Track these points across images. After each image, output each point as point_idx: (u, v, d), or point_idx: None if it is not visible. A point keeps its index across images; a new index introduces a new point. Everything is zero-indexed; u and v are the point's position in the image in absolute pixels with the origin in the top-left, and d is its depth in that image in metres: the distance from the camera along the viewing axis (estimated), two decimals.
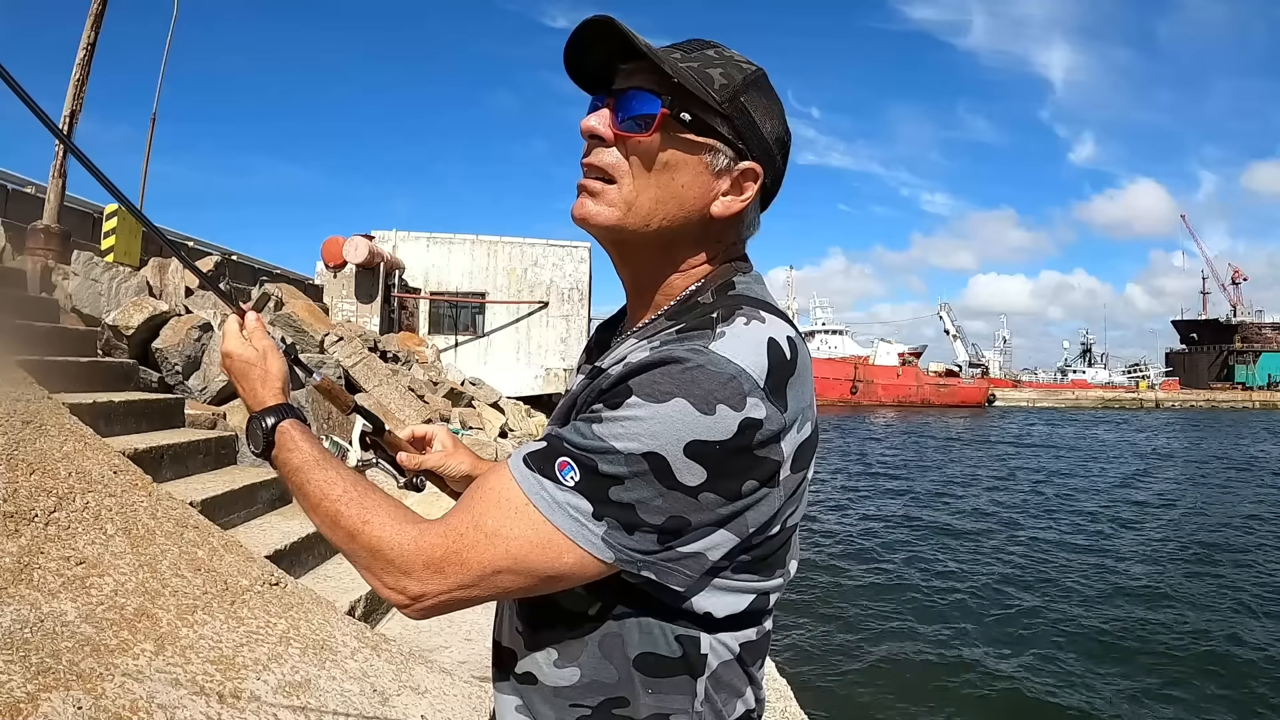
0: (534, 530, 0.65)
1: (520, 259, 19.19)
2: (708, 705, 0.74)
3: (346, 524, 0.72)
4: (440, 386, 11.70)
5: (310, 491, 0.76)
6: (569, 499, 0.65)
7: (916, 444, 24.81)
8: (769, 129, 0.76)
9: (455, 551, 0.67)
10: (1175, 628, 6.40)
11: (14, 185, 9.21)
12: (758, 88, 0.76)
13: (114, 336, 5.24)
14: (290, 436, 0.81)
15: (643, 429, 0.63)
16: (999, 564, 8.48)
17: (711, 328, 0.68)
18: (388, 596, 0.70)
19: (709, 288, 0.77)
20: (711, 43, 0.77)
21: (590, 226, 0.77)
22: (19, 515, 2.16)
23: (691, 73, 0.72)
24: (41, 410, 2.71)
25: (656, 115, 0.72)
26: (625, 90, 0.74)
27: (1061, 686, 5.17)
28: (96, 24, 6.74)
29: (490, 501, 0.68)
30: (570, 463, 0.65)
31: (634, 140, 0.73)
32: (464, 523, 0.68)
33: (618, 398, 0.65)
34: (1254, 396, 68.86)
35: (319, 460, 0.79)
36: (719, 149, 0.74)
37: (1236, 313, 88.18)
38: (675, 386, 0.63)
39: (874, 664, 5.48)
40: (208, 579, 2.44)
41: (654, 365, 0.65)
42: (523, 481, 0.67)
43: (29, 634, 1.79)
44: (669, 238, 0.77)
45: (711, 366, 0.64)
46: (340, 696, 2.25)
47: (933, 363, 67.03)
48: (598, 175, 0.76)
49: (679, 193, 0.74)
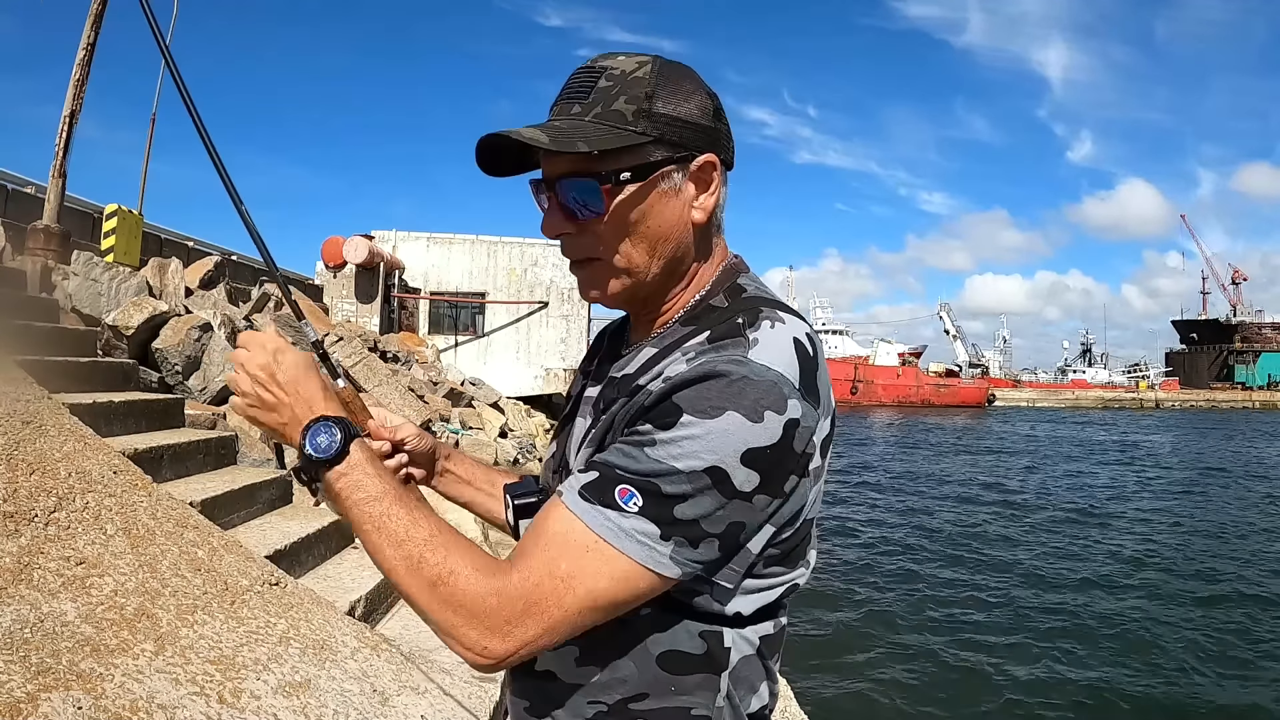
0: (608, 565, 0.65)
1: (520, 259, 19.18)
2: (727, 702, 0.74)
3: (430, 571, 0.66)
4: (440, 386, 11.71)
5: (392, 529, 0.68)
6: (635, 525, 0.64)
7: (916, 444, 24.80)
8: (693, 112, 0.74)
9: (535, 603, 0.64)
10: (1180, 638, 6.40)
11: (14, 185, 9.21)
12: (664, 83, 0.73)
13: (114, 336, 5.24)
14: (365, 458, 0.72)
15: (701, 445, 0.64)
16: (999, 564, 8.48)
17: (742, 335, 0.69)
18: (465, 655, 0.66)
19: (718, 290, 0.79)
20: (596, 66, 0.74)
21: (607, 303, 0.80)
22: (19, 515, 2.16)
23: (602, 125, 0.71)
24: (41, 410, 2.71)
25: (601, 198, 0.72)
26: (559, 178, 0.74)
27: (1061, 687, 5.17)
28: (96, 24, 6.74)
29: (558, 544, 0.66)
30: (631, 489, 0.65)
31: (595, 223, 0.74)
32: (537, 571, 0.65)
33: (668, 417, 0.65)
34: (1254, 396, 68.88)
35: (399, 493, 0.71)
36: (668, 170, 0.74)
37: (1236, 313, 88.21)
38: (725, 400, 0.64)
39: (874, 664, 5.48)
40: (208, 579, 2.44)
41: (698, 380, 0.66)
42: (585, 516, 0.66)
43: (29, 634, 1.79)
44: (672, 266, 0.78)
45: (754, 376, 0.65)
46: (340, 696, 2.25)
47: (933, 363, 67.10)
48: (585, 260, 0.77)
49: (660, 232, 0.75)
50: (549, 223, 0.77)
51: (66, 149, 6.64)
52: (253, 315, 8.11)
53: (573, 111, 0.72)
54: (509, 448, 11.34)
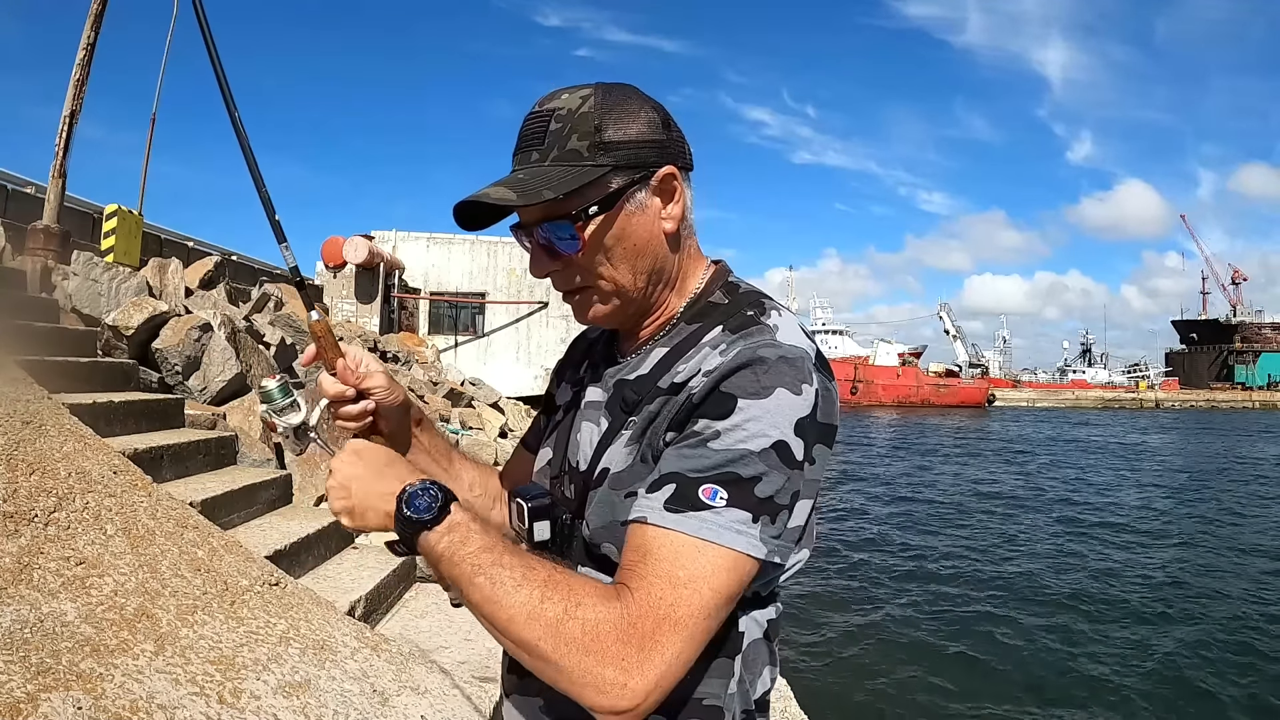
0: (721, 560, 0.66)
1: (520, 259, 19.14)
2: (738, 688, 0.76)
3: (553, 610, 0.64)
4: (440, 387, 11.71)
5: (507, 577, 0.65)
6: (731, 517, 0.66)
7: (916, 444, 24.80)
8: (642, 130, 0.77)
9: (666, 615, 0.64)
10: (1186, 646, 6.40)
11: (14, 185, 9.21)
12: (609, 110, 0.76)
13: (114, 336, 5.24)
14: (468, 515, 0.70)
15: (764, 425, 0.68)
16: (998, 564, 8.48)
17: (761, 323, 0.75)
18: (603, 703, 0.62)
19: (714, 289, 0.84)
20: (544, 110, 0.77)
21: (604, 324, 0.84)
22: (19, 515, 2.16)
23: (561, 166, 0.74)
24: (41, 410, 2.71)
25: (576, 237, 0.76)
26: (535, 223, 0.78)
27: (1061, 687, 5.17)
28: (96, 24, 6.74)
29: (668, 557, 0.66)
30: (713, 486, 0.67)
31: (575, 257, 0.78)
32: (658, 584, 0.65)
33: (723, 406, 0.69)
34: (1254, 396, 68.91)
35: (507, 542, 0.69)
36: (632, 193, 0.77)
37: (1236, 313, 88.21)
38: (772, 380, 0.69)
39: (874, 664, 5.48)
40: (207, 579, 2.44)
41: (741, 368, 0.70)
42: (680, 526, 0.66)
43: (29, 634, 1.79)
44: (656, 275, 0.82)
45: (789, 355, 0.71)
46: (340, 696, 2.25)
47: (933, 363, 67.08)
48: (576, 290, 0.81)
49: (638, 249, 0.79)
50: (535, 264, 0.82)
51: (66, 149, 6.64)
52: (252, 315, 8.11)
53: (532, 159, 0.76)
54: (509, 448, 11.34)
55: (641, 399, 0.78)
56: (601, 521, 0.77)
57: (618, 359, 0.87)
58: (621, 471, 0.76)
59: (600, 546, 0.77)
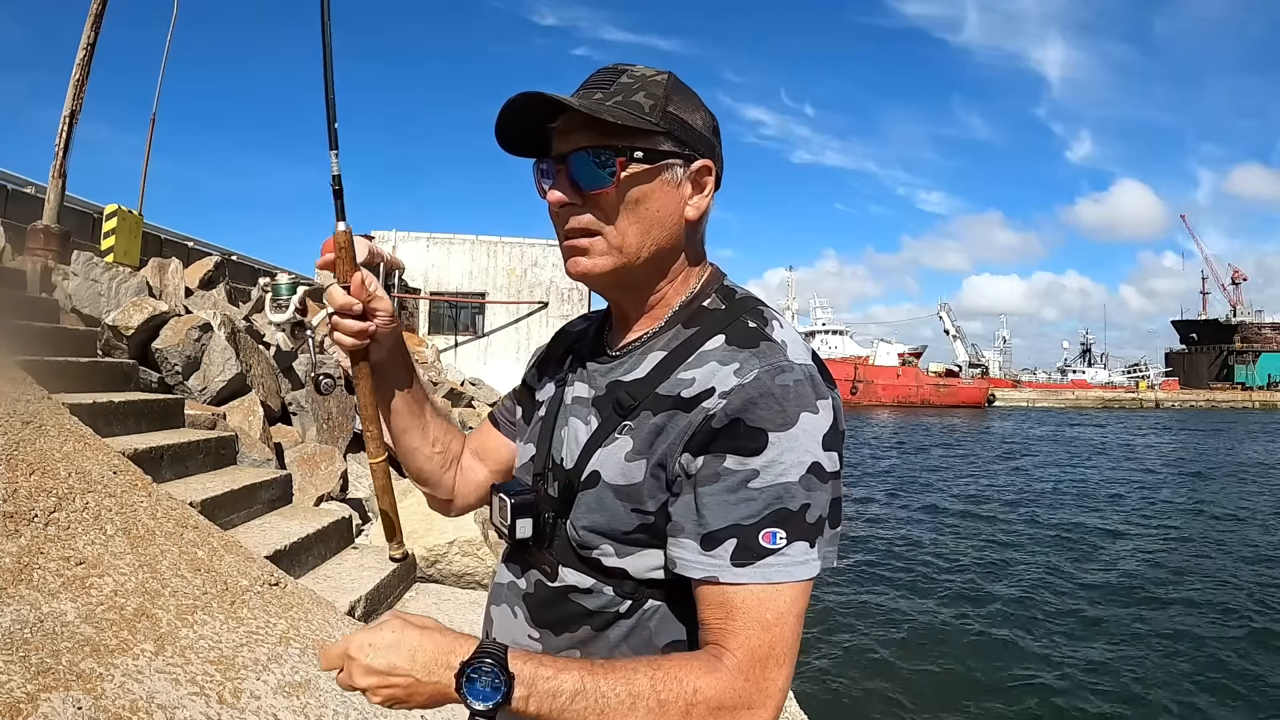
0: (796, 590, 0.70)
1: (520, 259, 19.18)
2: None
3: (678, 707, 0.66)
4: (440, 387, 11.71)
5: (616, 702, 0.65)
6: (795, 553, 0.70)
7: (916, 444, 24.80)
8: (701, 122, 0.81)
9: (766, 655, 0.68)
10: (1193, 653, 6.40)
11: (14, 185, 9.20)
12: (677, 91, 0.80)
13: (114, 337, 5.24)
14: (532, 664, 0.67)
15: (796, 453, 0.70)
16: (1000, 567, 8.48)
17: (766, 339, 0.76)
18: None
19: (708, 292, 0.84)
20: (618, 68, 0.81)
21: (592, 279, 0.81)
22: (19, 515, 2.16)
23: (624, 110, 0.76)
24: (41, 410, 2.71)
25: (615, 169, 0.76)
26: (572, 152, 0.78)
27: (1061, 686, 5.17)
28: (96, 24, 6.74)
29: (750, 612, 0.69)
30: (770, 529, 0.69)
31: (602, 195, 0.78)
32: (749, 632, 0.68)
33: (754, 442, 0.70)
34: (1254, 396, 68.89)
35: (588, 665, 0.68)
36: (672, 163, 0.79)
37: (1236, 313, 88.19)
38: (794, 406, 0.71)
39: (874, 665, 5.49)
40: (207, 579, 2.44)
41: (760, 398, 0.71)
42: (754, 578, 0.69)
43: (29, 634, 1.79)
44: (661, 256, 0.82)
45: (801, 374, 0.73)
46: (340, 696, 2.25)
47: (932, 363, 67.06)
48: (580, 234, 0.80)
49: (657, 217, 0.79)
50: (555, 192, 0.79)
51: (66, 149, 6.64)
52: (252, 315, 8.11)
53: (595, 97, 0.77)
54: None
55: (639, 403, 0.77)
56: (593, 524, 0.77)
57: (607, 354, 0.86)
58: (629, 486, 0.76)
59: (593, 550, 0.77)
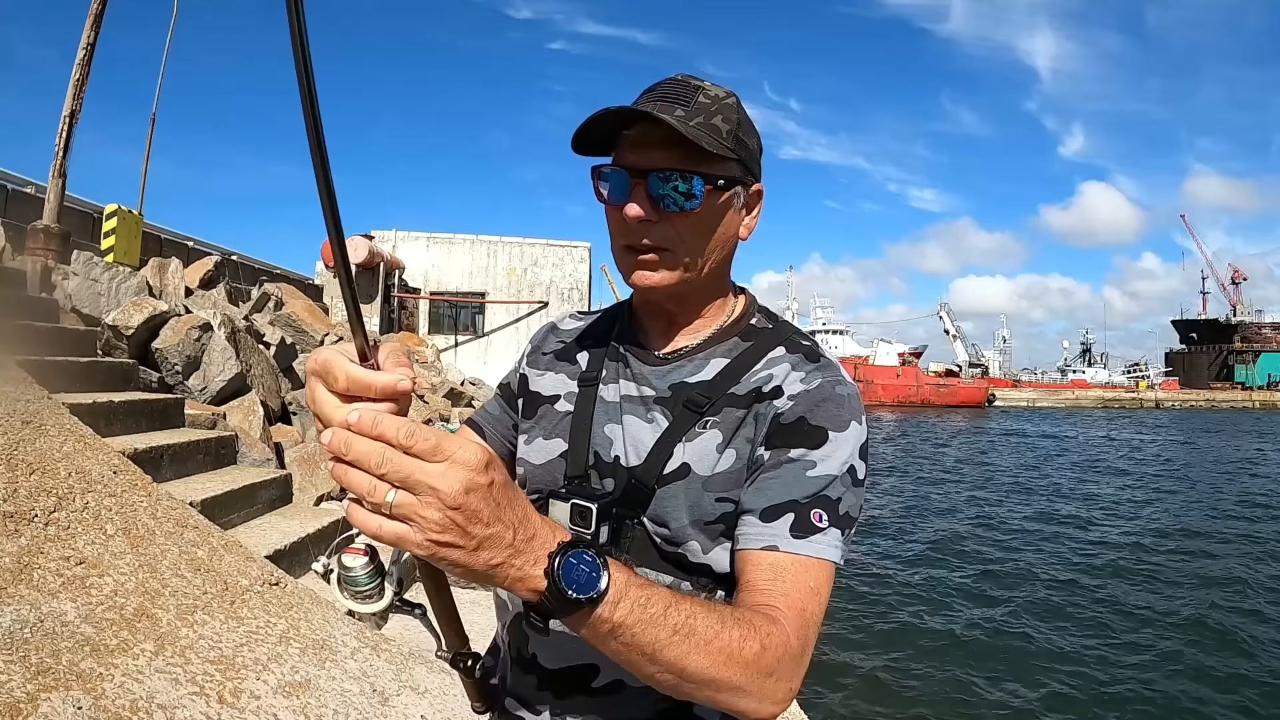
0: (829, 569, 0.76)
1: (520, 259, 19.19)
2: None
3: (750, 649, 0.64)
4: (440, 386, 11.71)
5: (702, 628, 0.62)
6: (833, 536, 0.77)
7: (916, 444, 24.81)
8: (756, 145, 0.85)
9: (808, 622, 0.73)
10: (1199, 659, 6.40)
11: (14, 185, 9.20)
12: (742, 116, 0.82)
13: (114, 336, 5.24)
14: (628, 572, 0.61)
15: (844, 453, 0.79)
16: (997, 564, 8.48)
17: (824, 356, 0.85)
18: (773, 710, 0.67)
19: (753, 311, 0.92)
20: (690, 82, 0.81)
21: (658, 293, 0.84)
22: (19, 515, 2.16)
23: (705, 132, 0.77)
24: (41, 410, 2.71)
25: (701, 196, 0.79)
26: (654, 170, 0.78)
27: (1061, 687, 5.17)
28: (96, 24, 6.74)
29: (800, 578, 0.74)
30: (819, 510, 0.76)
31: (682, 217, 0.80)
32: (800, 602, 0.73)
33: (816, 438, 0.78)
34: (1254, 396, 68.86)
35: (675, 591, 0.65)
36: (738, 189, 0.83)
37: (1236, 313, 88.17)
38: (848, 414, 0.80)
39: (874, 666, 5.48)
40: (207, 579, 2.44)
41: (824, 402, 0.80)
42: (806, 550, 0.75)
43: (29, 634, 1.79)
44: (716, 272, 0.87)
45: (853, 390, 0.83)
46: (340, 696, 2.25)
47: (932, 363, 67.05)
48: (652, 249, 0.81)
49: (722, 238, 0.84)
50: (634, 207, 0.79)
51: (66, 149, 6.64)
52: (252, 315, 8.11)
53: (676, 113, 0.77)
54: None
55: (713, 401, 0.82)
56: (680, 519, 0.79)
57: (656, 357, 0.88)
58: (721, 474, 0.80)
59: (679, 545, 0.80)
